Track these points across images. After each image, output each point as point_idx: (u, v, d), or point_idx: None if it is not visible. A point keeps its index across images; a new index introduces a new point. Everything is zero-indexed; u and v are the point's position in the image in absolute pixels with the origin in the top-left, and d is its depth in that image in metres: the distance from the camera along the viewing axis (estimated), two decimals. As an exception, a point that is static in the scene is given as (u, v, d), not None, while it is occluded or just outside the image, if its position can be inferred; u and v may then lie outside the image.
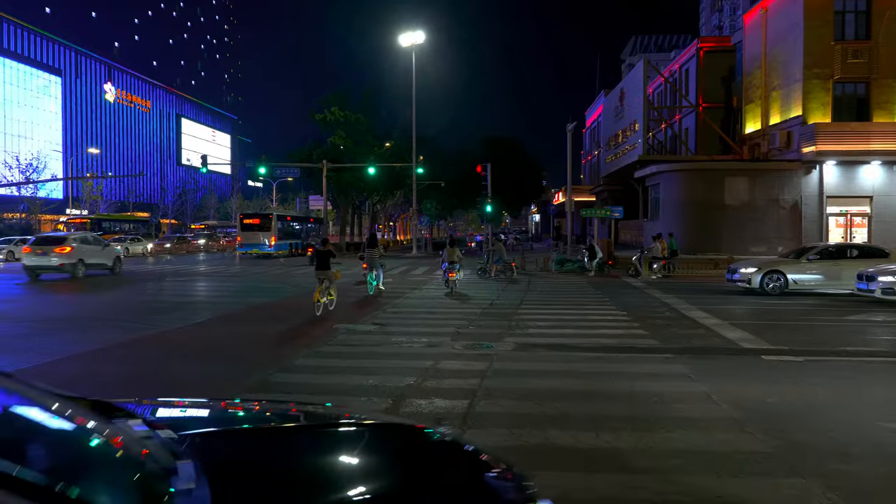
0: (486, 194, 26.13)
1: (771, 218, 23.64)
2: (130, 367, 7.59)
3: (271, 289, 17.70)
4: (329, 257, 12.18)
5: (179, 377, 7.15)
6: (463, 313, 12.16)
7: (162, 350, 8.65)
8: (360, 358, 7.93)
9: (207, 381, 6.92)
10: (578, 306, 13.50)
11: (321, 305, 11.84)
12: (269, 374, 7.00)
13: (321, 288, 11.92)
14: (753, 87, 27.14)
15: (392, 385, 6.42)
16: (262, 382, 6.61)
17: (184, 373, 7.35)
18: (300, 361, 7.72)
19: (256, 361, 7.79)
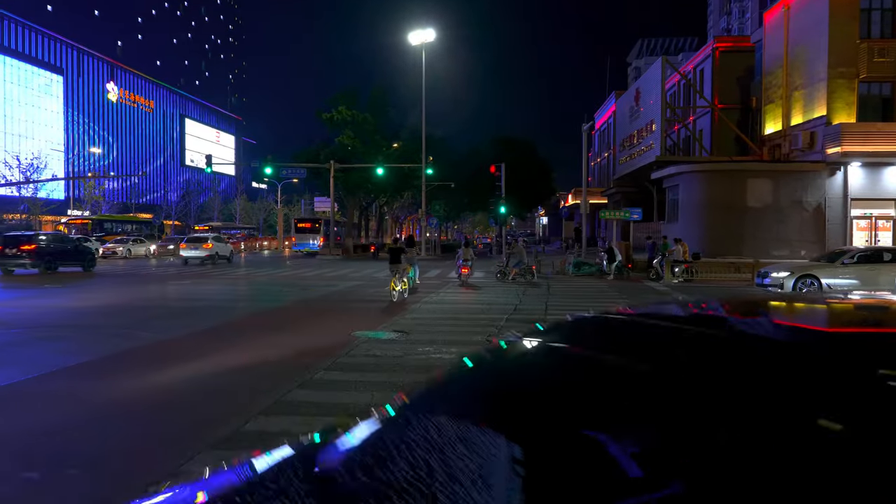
0: (500, 195, 25.48)
1: (794, 220, 22.94)
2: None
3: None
4: (400, 253, 14.32)
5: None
6: (488, 319, 11.50)
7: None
8: (386, 371, 7.24)
9: (230, 392, 6.28)
10: (606, 306, 12.81)
11: (396, 293, 14.00)
12: (287, 391, 6.33)
13: (395, 278, 14.00)
14: (774, 86, 26.45)
15: (432, 403, 5.75)
16: (278, 405, 5.94)
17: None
18: (320, 376, 7.03)
19: (280, 372, 7.14)
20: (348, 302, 14.89)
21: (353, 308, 13.59)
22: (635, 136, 33.35)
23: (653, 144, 29.43)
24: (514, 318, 11.60)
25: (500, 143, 44.44)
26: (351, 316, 12.15)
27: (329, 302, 14.86)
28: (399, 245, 14.82)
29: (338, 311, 13.14)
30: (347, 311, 13.10)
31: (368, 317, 12.02)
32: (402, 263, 14.19)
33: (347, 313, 12.65)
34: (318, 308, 13.56)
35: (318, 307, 13.72)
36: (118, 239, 41.85)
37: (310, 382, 6.67)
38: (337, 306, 13.98)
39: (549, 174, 50.32)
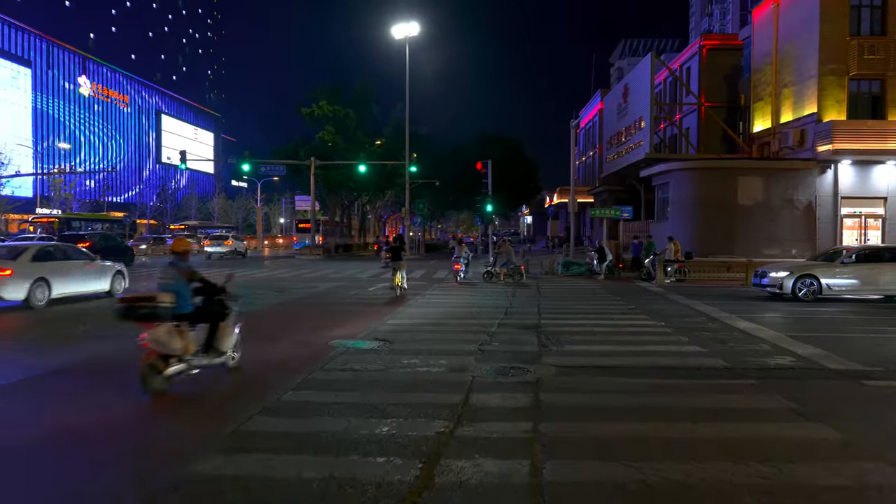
0: (487, 193, 24.65)
1: (784, 219, 22.51)
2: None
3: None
4: (400, 251, 15.79)
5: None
6: (479, 324, 10.63)
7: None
8: (365, 390, 6.31)
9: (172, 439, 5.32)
10: (605, 315, 12.06)
11: (398, 288, 15.18)
12: (247, 419, 5.39)
13: (398, 275, 15.18)
14: (763, 83, 26.04)
15: (416, 434, 4.85)
16: (237, 436, 5.00)
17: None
18: (288, 397, 6.07)
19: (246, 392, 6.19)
20: (327, 305, 13.93)
21: (332, 312, 12.65)
22: (623, 134, 32.79)
23: (641, 142, 28.86)
24: (506, 323, 10.76)
25: (485, 141, 43.69)
26: (329, 321, 11.21)
27: (306, 305, 13.89)
28: (399, 245, 16.24)
29: (315, 315, 12.18)
30: (326, 315, 12.15)
31: (348, 322, 11.09)
32: (402, 261, 15.62)
33: (325, 318, 11.70)
34: (293, 312, 12.58)
35: (293, 311, 12.74)
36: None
37: (275, 406, 5.73)
38: (314, 310, 13.02)
39: (534, 172, 49.74)
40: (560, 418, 5.26)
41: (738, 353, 8.09)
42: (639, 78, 30.07)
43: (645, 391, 6.16)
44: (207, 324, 6.63)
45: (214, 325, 6.66)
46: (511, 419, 5.24)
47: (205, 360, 6.53)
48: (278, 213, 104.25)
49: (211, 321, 6.66)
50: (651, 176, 27.45)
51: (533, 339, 9.21)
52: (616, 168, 34.84)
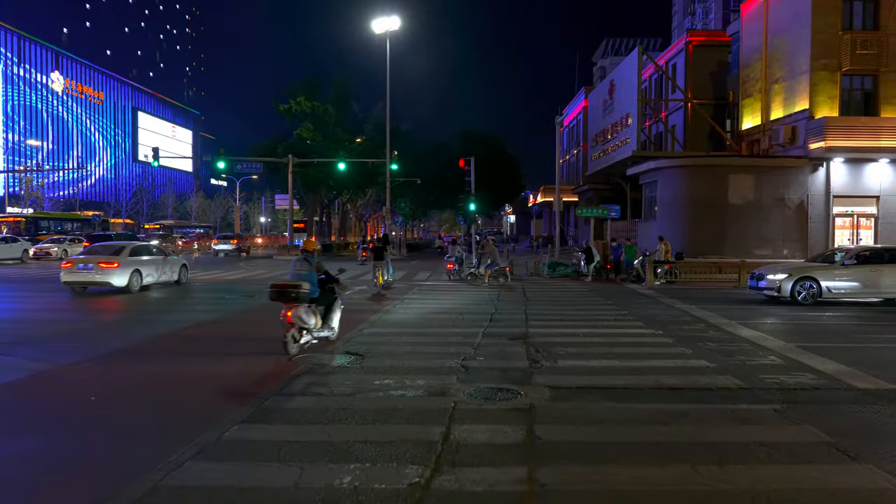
0: (470, 191, 23.73)
1: (776, 218, 21.93)
2: None
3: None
4: (383, 251, 16.58)
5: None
6: (462, 333, 9.69)
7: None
8: (328, 422, 5.31)
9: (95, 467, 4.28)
10: (596, 321, 11.19)
11: (378, 285, 16.04)
12: (177, 467, 4.37)
13: (381, 273, 16.05)
14: (752, 80, 25.49)
15: (383, 488, 3.89)
16: (151, 495, 3.98)
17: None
18: (233, 433, 5.04)
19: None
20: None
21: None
22: (609, 131, 32.10)
23: (628, 139, 28.17)
24: (491, 333, 9.82)
25: (468, 138, 42.77)
26: (297, 331, 10.18)
27: (275, 311, 12.77)
28: (381, 245, 17.13)
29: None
30: (294, 324, 11.12)
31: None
32: (385, 260, 16.48)
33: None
34: (259, 320, 11.51)
35: (259, 319, 11.66)
36: (53, 238, 38.28)
37: (214, 447, 4.71)
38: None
39: (518, 170, 48.95)
40: (560, 460, 4.33)
41: (751, 369, 7.25)
42: (625, 74, 29.38)
43: (656, 421, 5.26)
44: (324, 305, 8.47)
45: (330, 306, 8.59)
46: (501, 463, 4.31)
47: (322, 334, 8.41)
48: (258, 212, 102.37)
49: (327, 304, 8.56)
50: (638, 174, 26.77)
51: (521, 351, 8.29)
52: (602, 166, 34.16)
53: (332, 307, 8.61)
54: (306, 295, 7.89)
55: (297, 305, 7.78)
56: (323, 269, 8.51)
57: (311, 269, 8.29)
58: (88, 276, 14.84)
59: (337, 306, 8.73)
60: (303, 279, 8.04)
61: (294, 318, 7.75)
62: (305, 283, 7.92)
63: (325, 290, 8.47)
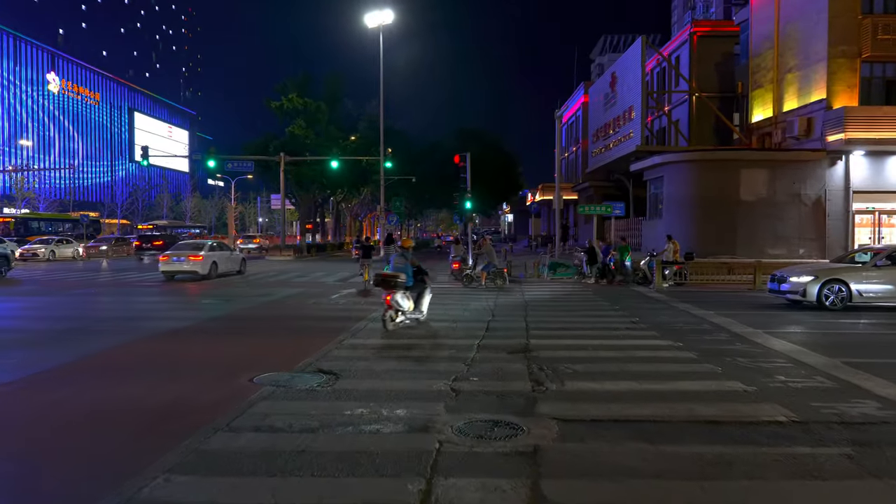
0: (466, 188, 22.54)
1: (791, 215, 20.73)
2: None
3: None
4: (371, 250, 17.77)
5: None
6: (453, 346, 8.48)
7: None
8: (276, 475, 4.07)
9: None
10: (606, 331, 9.99)
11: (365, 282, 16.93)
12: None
13: (367, 270, 16.93)
14: (763, 69, 24.30)
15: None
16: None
17: None
18: (153, 491, 3.85)
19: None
20: (276, 319, 11.70)
21: (278, 329, 10.43)
22: (611, 126, 30.90)
23: (631, 133, 26.97)
24: (487, 345, 8.62)
25: (463, 135, 41.57)
26: (268, 343, 9.00)
27: (250, 320, 11.63)
28: (370, 243, 18.84)
29: (254, 333, 9.95)
30: (268, 333, 9.93)
31: (293, 344, 8.89)
32: (371, 259, 17.49)
33: (265, 338, 9.49)
34: (229, 329, 10.31)
35: (228, 328, 10.47)
36: (41, 239, 37.06)
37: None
38: (258, 326, 10.77)
39: (515, 168, 47.76)
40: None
41: (798, 395, 6.04)
42: (628, 65, 28.19)
43: (699, 474, 4.06)
44: (416, 292, 10.08)
45: (421, 293, 10.19)
46: (496, 547, 3.10)
47: (414, 315, 10.06)
48: (254, 211, 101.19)
49: (419, 291, 10.15)
50: (642, 170, 25.58)
51: (522, 369, 7.10)
52: (603, 162, 32.95)
53: (423, 294, 10.30)
54: (402, 283, 9.75)
55: (394, 291, 9.57)
56: (416, 263, 10.35)
57: (407, 262, 10.09)
58: (180, 266, 19.08)
59: (426, 293, 10.41)
60: (400, 271, 9.86)
61: (392, 302, 9.58)
62: (402, 274, 9.80)
63: (417, 280, 10.21)
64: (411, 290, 9.98)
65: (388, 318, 9.64)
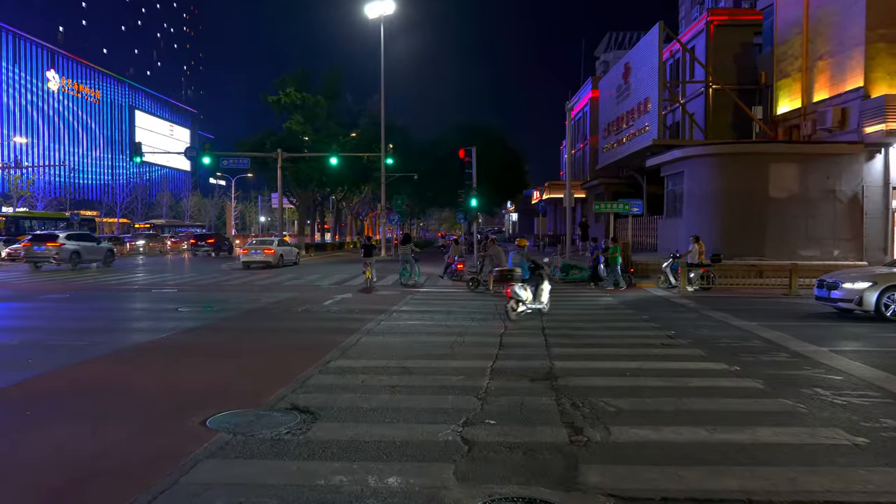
0: (471, 185, 21.03)
1: (825, 213, 19.13)
2: None
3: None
4: (372, 248, 17.74)
5: None
6: (462, 371, 6.97)
7: None
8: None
9: None
10: (639, 348, 8.45)
11: (368, 280, 16.97)
12: None
13: (369, 269, 17.03)
14: (790, 57, 22.68)
15: None
16: None
17: None
18: None
19: None
20: (255, 332, 10.20)
21: (255, 347, 8.93)
22: (624, 119, 29.30)
23: (647, 127, 25.38)
24: (503, 369, 7.11)
25: (467, 131, 39.89)
26: (240, 364, 7.52)
27: (226, 332, 10.13)
28: (372, 242, 19.20)
29: (226, 351, 8.45)
30: (240, 353, 8.44)
31: (268, 366, 7.42)
32: (373, 257, 17.51)
33: (238, 357, 8.00)
34: (198, 346, 8.82)
35: (199, 344, 8.98)
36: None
37: None
38: (231, 342, 9.27)
39: (521, 165, 46.14)
40: None
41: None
42: (643, 53, 26.59)
43: None
44: (533, 285, 11.31)
45: (538, 285, 11.38)
46: None
47: (535, 305, 11.23)
48: (255, 210, 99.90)
49: (536, 283, 11.38)
50: (659, 165, 23.99)
51: (551, 405, 5.59)
52: (615, 158, 31.35)
53: (540, 286, 11.32)
54: (519, 276, 11.07)
55: (513, 284, 10.81)
56: (530, 259, 11.80)
57: (523, 258, 11.59)
58: (257, 257, 24.94)
59: (544, 285, 11.45)
60: (517, 266, 11.38)
61: (511, 293, 10.74)
62: (518, 269, 11.24)
63: (534, 274, 11.40)
64: (528, 282, 11.18)
65: (509, 308, 10.76)
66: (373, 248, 17.95)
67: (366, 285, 17.16)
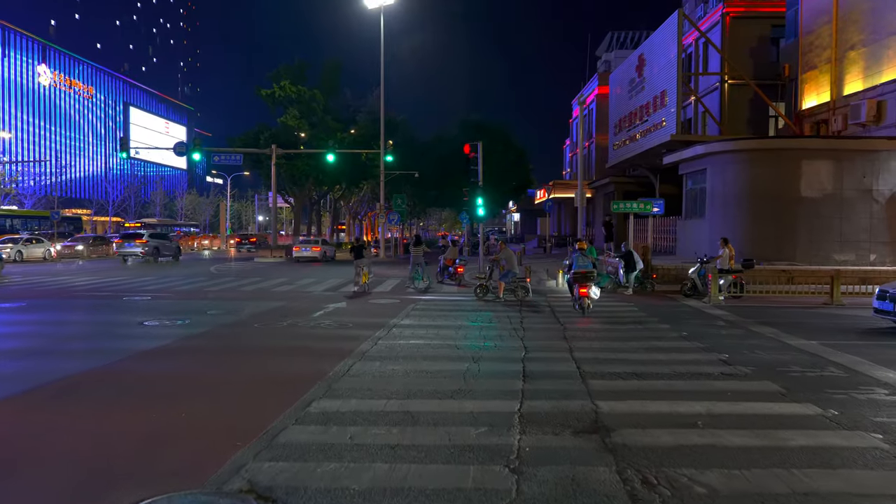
0: (476, 181, 19.46)
1: (861, 215, 17.63)
2: None
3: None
4: (363, 249, 16.82)
5: None
6: (480, 416, 5.36)
7: None
8: None
9: None
10: (698, 380, 6.85)
11: (364, 285, 16.32)
12: None
13: (360, 272, 16.29)
14: (817, 48, 21.17)
15: None
16: None
17: None
18: None
19: None
20: (225, 356, 8.55)
21: (221, 375, 7.31)
22: (637, 115, 27.75)
23: (664, 122, 23.85)
24: (534, 414, 5.51)
25: (470, 128, 38.29)
26: (193, 408, 5.89)
27: (188, 355, 8.48)
28: (361, 243, 17.43)
29: (182, 386, 6.80)
30: (204, 384, 6.81)
31: (230, 410, 5.79)
32: (365, 258, 16.50)
33: (196, 393, 6.37)
34: (149, 377, 7.16)
35: (149, 374, 7.32)
36: (9, 238, 34.13)
37: None
38: (194, 369, 7.64)
39: (525, 164, 44.50)
40: None
41: None
42: (659, 44, 25.05)
43: None
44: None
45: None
46: None
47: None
48: (252, 210, 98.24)
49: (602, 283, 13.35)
50: (678, 163, 22.45)
51: (614, 485, 3.99)
52: (627, 155, 29.80)
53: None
54: (595, 278, 12.37)
55: (589, 285, 12.03)
56: (594, 260, 12.80)
57: (589, 261, 12.40)
58: (306, 253, 31.01)
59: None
60: (588, 267, 12.26)
61: (587, 292, 11.94)
62: (595, 270, 12.48)
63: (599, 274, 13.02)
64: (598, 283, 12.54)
65: (586, 305, 11.88)
66: (363, 249, 16.95)
67: (361, 290, 16.17)
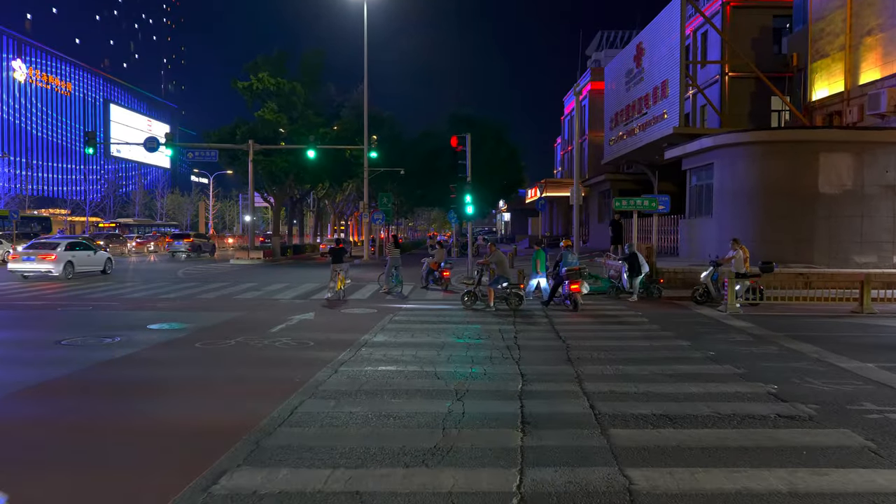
0: (464, 178, 17.83)
1: (883, 213, 16.22)
2: None
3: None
4: (342, 253, 15.57)
5: None
6: (455, 499, 3.69)
7: None
8: None
9: None
10: (749, 427, 5.22)
11: (338, 291, 14.91)
12: None
13: (336, 277, 14.91)
14: (829, 35, 19.77)
15: None
16: None
17: None
18: None
19: None
20: (134, 394, 6.73)
21: (117, 426, 5.53)
22: (635, 107, 26.25)
23: (665, 114, 22.35)
24: (536, 487, 3.84)
25: (459, 122, 36.59)
26: (61, 478, 4.13)
27: (85, 395, 6.69)
28: (340, 246, 15.82)
29: (57, 447, 5.03)
30: (87, 442, 5.04)
31: (110, 484, 4.04)
32: (343, 263, 15.19)
33: (69, 460, 4.62)
34: (19, 428, 5.40)
35: (21, 425, 5.55)
36: (-26, 238, 31.99)
37: None
38: (85, 416, 5.85)
39: (517, 160, 42.91)
40: None
41: None
42: (660, 31, 23.55)
43: None
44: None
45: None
46: None
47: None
48: (235, 209, 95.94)
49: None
50: (681, 157, 20.96)
51: None
52: (625, 150, 28.30)
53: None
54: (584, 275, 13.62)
55: (582, 281, 13.04)
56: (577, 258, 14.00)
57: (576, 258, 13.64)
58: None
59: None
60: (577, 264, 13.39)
61: (581, 288, 12.81)
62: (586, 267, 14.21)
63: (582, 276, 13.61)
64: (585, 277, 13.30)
65: (577, 301, 12.42)
66: (343, 252, 15.56)
67: (336, 297, 14.73)
